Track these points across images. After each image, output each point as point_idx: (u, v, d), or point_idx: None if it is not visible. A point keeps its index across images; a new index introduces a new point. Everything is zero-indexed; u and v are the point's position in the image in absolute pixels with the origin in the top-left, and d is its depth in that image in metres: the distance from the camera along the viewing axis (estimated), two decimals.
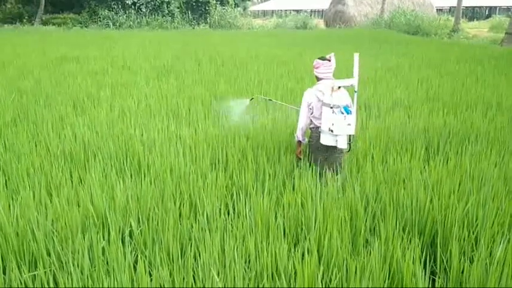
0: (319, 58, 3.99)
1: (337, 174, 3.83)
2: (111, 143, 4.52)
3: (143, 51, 13.80)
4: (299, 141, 4.06)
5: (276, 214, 3.13)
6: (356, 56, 3.89)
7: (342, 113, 3.62)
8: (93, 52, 13.28)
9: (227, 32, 26.38)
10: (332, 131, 3.63)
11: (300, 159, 4.06)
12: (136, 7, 30.68)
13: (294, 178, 3.70)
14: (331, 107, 3.63)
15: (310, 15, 43.37)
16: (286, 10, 57.47)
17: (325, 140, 3.72)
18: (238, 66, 10.48)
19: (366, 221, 3.11)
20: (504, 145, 4.69)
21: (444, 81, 8.51)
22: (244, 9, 42.39)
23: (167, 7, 31.38)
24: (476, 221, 3.06)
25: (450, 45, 17.33)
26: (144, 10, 30.69)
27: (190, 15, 31.96)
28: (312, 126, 3.95)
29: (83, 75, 9.11)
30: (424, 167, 4.04)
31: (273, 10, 65.85)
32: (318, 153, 3.88)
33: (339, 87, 3.72)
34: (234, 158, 4.16)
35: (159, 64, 10.72)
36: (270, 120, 5.29)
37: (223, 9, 33.68)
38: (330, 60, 3.94)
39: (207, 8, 32.72)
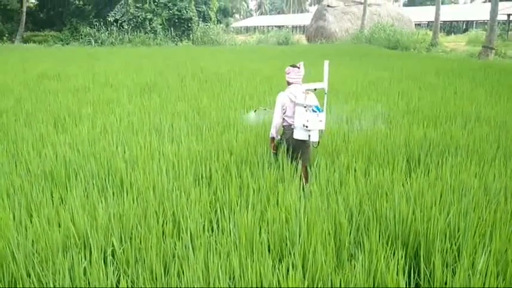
0: (290, 65, 4.59)
1: (306, 162, 4.40)
2: (92, 161, 4.47)
3: (125, 68, 13.76)
4: (272, 138, 4.58)
5: (260, 229, 3.12)
6: (326, 63, 4.43)
7: (314, 111, 4.22)
8: (75, 69, 13.20)
9: (210, 48, 26.50)
10: (307, 126, 4.21)
11: (276, 153, 4.55)
12: (118, 24, 30.69)
13: (278, 193, 3.70)
14: (305, 107, 4.22)
15: (292, 31, 43.96)
16: (268, 26, 58.20)
17: (298, 135, 4.28)
18: (221, 81, 10.53)
19: (350, 234, 3.11)
20: (483, 156, 4.78)
21: (424, 94, 8.67)
22: (227, 25, 42.85)
23: (150, 24, 31.45)
24: (458, 232, 3.10)
25: (429, 59, 17.70)
26: (126, 27, 30.71)
27: (172, 31, 32.08)
28: (285, 124, 4.49)
29: (64, 92, 9.03)
30: (406, 179, 4.09)
31: (255, 26, 66.55)
32: (291, 145, 4.41)
33: (315, 89, 4.42)
34: (217, 174, 4.15)
35: (141, 81, 10.70)
36: (254, 136, 5.31)
37: (206, 25, 33.91)
38: (299, 68, 4.55)
39: (189, 25, 32.89)
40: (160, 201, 3.60)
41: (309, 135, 4.23)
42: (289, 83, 4.56)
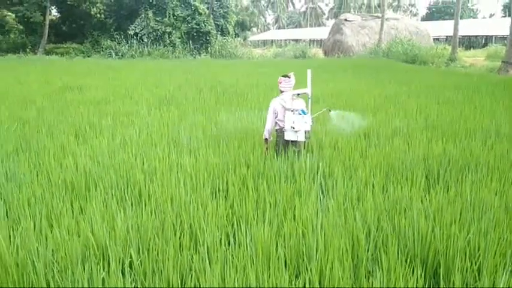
0: (282, 76, 5.24)
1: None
2: (112, 172, 4.53)
3: (145, 80, 13.97)
4: (266, 139, 5.27)
5: (276, 244, 3.11)
6: (308, 71, 5.14)
7: (300, 114, 4.91)
8: (95, 81, 13.46)
9: (228, 61, 26.76)
10: (293, 128, 4.89)
11: (266, 154, 5.16)
12: (138, 37, 31.25)
13: (294, 207, 3.70)
14: (292, 111, 4.93)
15: (309, 45, 44.14)
16: (285, 40, 58.54)
17: (288, 136, 4.98)
18: (238, 94, 10.60)
19: (367, 251, 3.08)
20: (504, 173, 4.69)
21: (442, 109, 8.59)
22: (245, 39, 43.23)
23: (169, 37, 31.95)
24: (478, 251, 3.04)
25: (448, 74, 17.56)
26: (146, 40, 31.25)
27: (191, 45, 32.51)
28: (277, 127, 5.20)
29: (85, 104, 9.20)
30: (425, 196, 4.04)
31: (272, 40, 67.00)
32: (283, 145, 5.09)
33: (298, 94, 5.11)
34: (234, 187, 4.16)
35: (160, 93, 10.85)
36: (272, 149, 5.31)
37: (224, 39, 34.30)
38: (290, 77, 5.21)
39: (208, 38, 33.30)
40: (177, 213, 3.62)
41: (297, 136, 4.95)
42: (281, 91, 5.22)
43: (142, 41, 31.18)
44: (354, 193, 4.07)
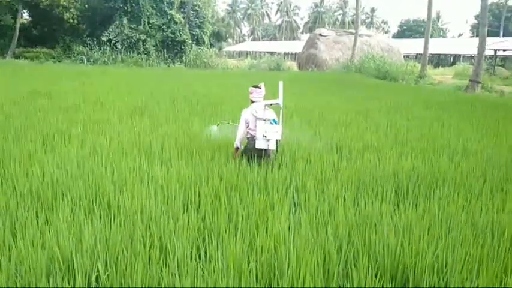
0: (253, 86, 5.50)
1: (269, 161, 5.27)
2: (80, 182, 4.41)
3: (117, 88, 13.77)
4: (237, 148, 5.52)
5: (248, 258, 3.09)
6: (280, 83, 5.22)
7: (271, 123, 5.15)
8: (66, 87, 13.18)
9: (202, 71, 26.71)
10: (265, 136, 5.10)
11: (234, 159, 5.39)
12: (111, 44, 30.86)
13: (267, 220, 3.69)
14: (264, 120, 5.14)
15: (284, 58, 44.59)
16: (260, 52, 58.95)
17: (259, 144, 5.16)
18: (212, 105, 10.57)
19: (338, 265, 3.10)
20: (470, 189, 4.83)
21: (412, 126, 8.80)
22: (220, 49, 43.28)
23: (143, 45, 31.69)
24: (446, 267, 3.10)
25: (417, 90, 18.04)
26: (119, 47, 30.89)
27: (166, 53, 32.34)
28: (248, 136, 5.41)
29: (54, 110, 8.98)
30: (395, 211, 4.10)
31: (247, 51, 67.34)
32: (253, 154, 5.27)
33: (271, 104, 5.27)
34: (207, 199, 4.12)
35: (133, 101, 10.70)
36: (244, 161, 5.31)
37: (199, 49, 34.29)
38: (260, 88, 5.46)
39: (183, 47, 33.21)
40: (147, 226, 3.56)
41: (268, 144, 5.15)
42: (252, 101, 5.46)
43: (116, 47, 30.81)
44: (325, 207, 4.09)
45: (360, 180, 4.97)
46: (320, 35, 36.55)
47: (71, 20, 30.67)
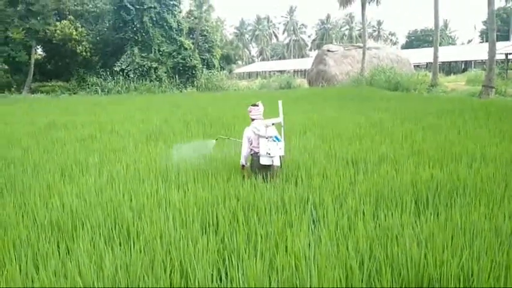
0: (251, 105, 5.71)
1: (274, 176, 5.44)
2: (99, 211, 4.45)
3: (131, 116, 13.98)
4: (243, 165, 5.69)
5: (269, 278, 3.06)
6: (279, 102, 5.56)
7: (274, 141, 5.31)
8: (82, 118, 13.42)
9: (214, 94, 26.99)
10: (269, 154, 5.28)
11: (244, 177, 5.57)
12: (124, 73, 31.44)
13: (286, 238, 3.65)
14: (267, 138, 5.31)
15: (294, 76, 44.83)
16: (270, 71, 59.45)
17: (264, 161, 5.37)
18: (225, 126, 10.65)
19: (361, 281, 3.04)
20: (492, 196, 4.73)
21: (427, 135, 8.70)
22: (230, 71, 43.76)
23: (155, 72, 32.22)
24: (472, 276, 3.02)
25: (430, 99, 17.91)
26: (132, 76, 31.45)
27: (177, 79, 32.81)
28: (252, 152, 5.57)
29: (71, 141, 9.14)
30: (416, 222, 4.03)
31: (257, 72, 67.99)
32: (257, 170, 5.47)
33: (273, 124, 5.49)
34: (224, 220, 4.11)
35: (147, 128, 10.84)
36: (260, 180, 5.30)
37: (210, 72, 34.73)
38: (258, 106, 5.66)
39: (194, 72, 33.67)
40: (167, 250, 3.55)
41: (272, 161, 5.33)
42: (252, 119, 5.66)
43: (129, 76, 31.40)
44: (345, 222, 4.05)
45: (379, 193, 4.91)
46: (328, 50, 36.75)
47: (84, 53, 31.46)
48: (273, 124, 5.52)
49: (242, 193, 4.88)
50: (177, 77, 32.87)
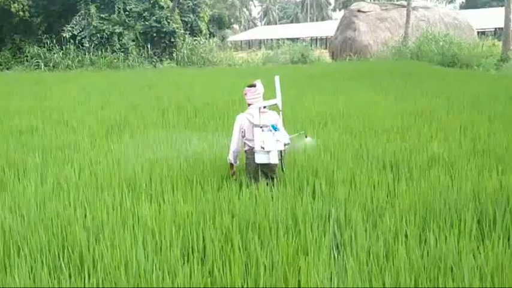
0: (248, 86, 5.77)
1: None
2: (41, 231, 4.45)
3: (86, 100, 13.99)
4: (231, 164, 5.86)
5: None
6: (276, 78, 5.68)
7: (270, 130, 5.32)
8: (17, 103, 13.42)
9: (201, 70, 26.99)
10: (263, 148, 5.28)
11: (235, 179, 5.83)
12: (76, 41, 31.34)
13: (299, 270, 3.66)
14: (261, 127, 5.36)
15: (311, 45, 44.70)
16: (278, 39, 59.31)
17: (259, 159, 5.37)
18: (216, 116, 10.64)
19: None
20: None
21: (496, 129, 8.68)
22: (223, 39, 43.75)
23: (119, 40, 32.11)
24: None
25: (499, 79, 17.87)
26: (87, 45, 31.37)
27: (149, 49, 32.69)
28: (246, 148, 5.72)
29: (4, 135, 9.14)
30: (478, 248, 4.03)
31: (260, 40, 67.95)
32: (255, 172, 5.57)
33: (264, 107, 5.56)
34: (214, 245, 4.12)
35: (108, 117, 10.84)
36: (262, 190, 5.30)
37: (195, 40, 34.61)
38: (255, 86, 5.70)
39: (172, 40, 33.55)
40: (135, 286, 3.56)
41: (269, 157, 5.34)
42: (249, 105, 5.75)
43: (82, 46, 31.34)
44: (380, 248, 4.05)
45: (427, 208, 4.91)
46: (359, 11, 36.71)
47: (21, 13, 31.30)
48: (265, 107, 5.62)
49: (238, 207, 4.88)
50: (149, 46, 32.77)
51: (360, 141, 7.89)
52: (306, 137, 6.43)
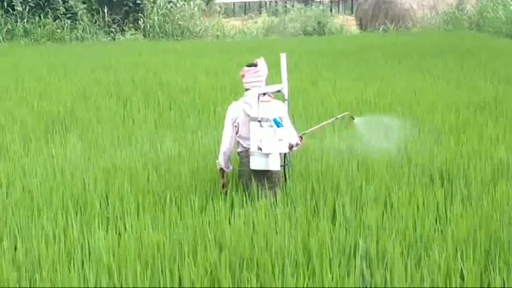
0: (246, 65, 5.91)
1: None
2: None
3: (19, 85, 13.95)
4: (222, 170, 5.95)
5: None
6: (283, 56, 5.83)
7: (271, 126, 5.34)
8: None
9: (177, 44, 26.97)
10: (261, 149, 5.37)
11: (226, 192, 5.88)
12: (5, 4, 31.24)
13: None
14: (259, 121, 5.40)
15: (331, 10, 44.63)
16: (285, 1, 59.24)
17: (256, 163, 5.48)
18: (199, 108, 10.63)
19: None
20: None
21: None
22: (208, 2, 43.60)
23: (63, 2, 32.01)
24: None
25: None
26: (19, 8, 31.25)
27: (106, 15, 32.62)
28: (240, 149, 5.87)
29: None
30: None
31: (260, 2, 67.89)
32: (251, 182, 5.60)
33: (264, 94, 5.56)
34: None
35: (49, 109, 10.82)
36: (263, 211, 5.29)
37: (170, 2, 34.48)
38: (257, 66, 5.78)
39: (138, 2, 33.48)
40: None
41: (268, 163, 5.44)
42: (247, 90, 5.89)
43: (13, 10, 31.29)
44: None
45: (491, 238, 4.91)
46: None
47: None
48: (264, 95, 5.62)
49: (229, 235, 4.87)
50: (106, 11, 32.77)
51: (398, 144, 7.88)
52: (353, 118, 6.64)
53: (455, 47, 19.93)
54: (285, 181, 5.84)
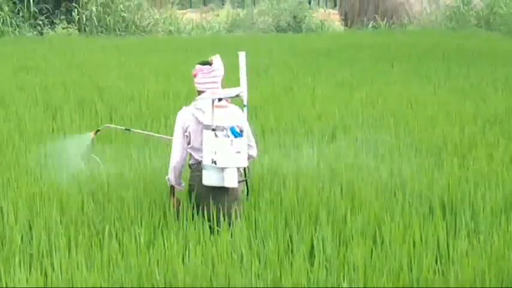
0: (199, 63, 6.08)
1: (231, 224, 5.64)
2: None
3: None
4: (173, 187, 6.07)
5: None
6: (242, 54, 5.85)
7: (228, 136, 5.51)
8: None
9: (120, 41, 26.95)
10: (215, 162, 5.47)
11: (178, 210, 6.01)
12: None
13: None
14: (214, 129, 5.51)
15: (309, 2, 44.95)
16: None
17: (209, 179, 5.61)
18: (145, 119, 10.62)
19: None
20: None
21: None
22: None
23: None
24: None
25: None
26: None
27: (32, 5, 32.56)
28: (192, 162, 5.99)
29: None
30: None
31: None
32: (204, 200, 5.71)
33: (220, 99, 5.67)
34: None
35: None
36: (224, 245, 5.28)
37: None
38: (211, 65, 5.96)
39: None
40: None
41: (223, 178, 5.52)
42: (199, 92, 6.03)
43: None
44: None
45: (503, 281, 4.94)
46: None
47: None
48: (220, 100, 5.71)
49: (182, 277, 4.86)
50: (31, 2, 32.69)
51: (390, 166, 7.92)
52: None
53: (459, 49, 20.15)
54: (247, 196, 5.99)
